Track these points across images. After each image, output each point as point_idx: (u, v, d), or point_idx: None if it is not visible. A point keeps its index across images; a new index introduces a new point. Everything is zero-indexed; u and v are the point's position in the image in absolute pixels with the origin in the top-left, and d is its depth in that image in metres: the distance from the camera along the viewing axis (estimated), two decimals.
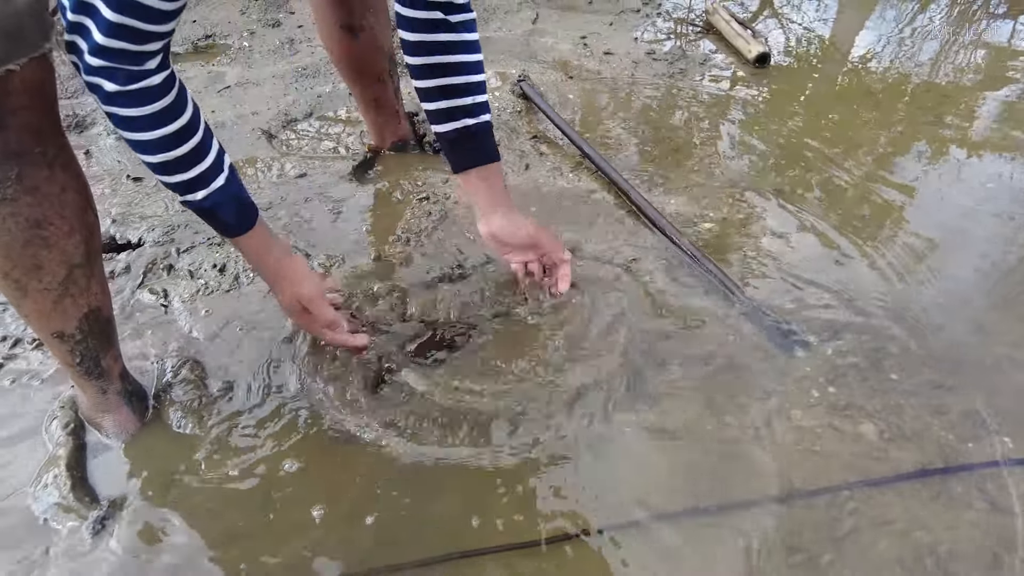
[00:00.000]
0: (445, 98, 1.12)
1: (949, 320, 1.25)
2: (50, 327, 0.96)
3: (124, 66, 0.82)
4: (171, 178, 0.94)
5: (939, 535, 0.93)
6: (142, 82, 0.84)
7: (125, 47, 0.81)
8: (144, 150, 0.90)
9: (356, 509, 0.97)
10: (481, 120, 1.15)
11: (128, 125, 0.88)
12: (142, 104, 0.86)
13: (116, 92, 0.83)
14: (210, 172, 0.96)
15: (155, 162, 0.91)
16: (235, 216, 1.01)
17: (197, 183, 0.95)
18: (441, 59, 1.09)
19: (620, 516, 0.96)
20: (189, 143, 0.92)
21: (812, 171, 1.69)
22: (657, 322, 1.25)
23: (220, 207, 0.98)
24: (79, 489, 0.99)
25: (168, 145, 0.90)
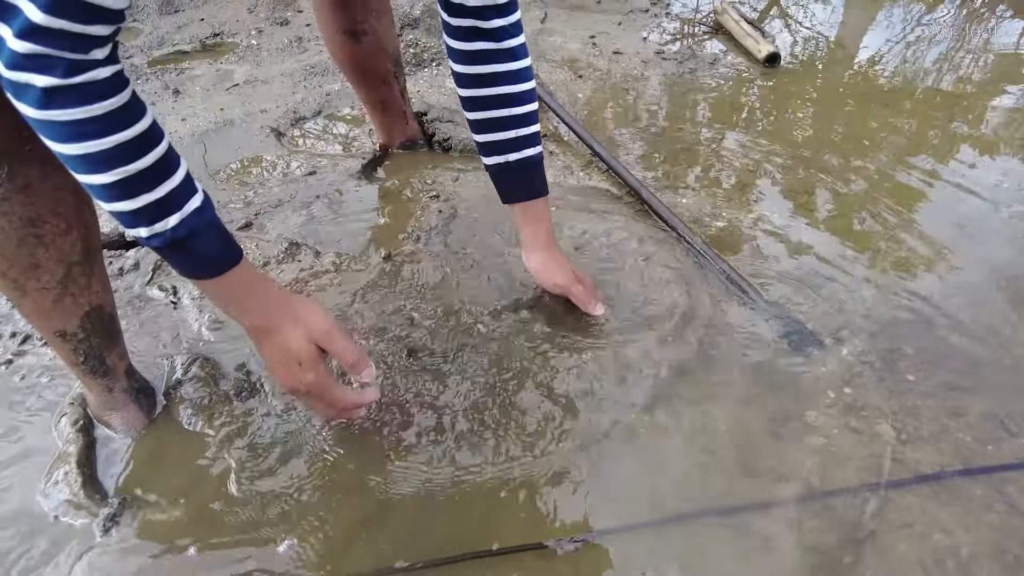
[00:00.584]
0: (489, 131, 1.10)
1: (965, 321, 1.24)
2: (52, 326, 0.95)
3: (63, 53, 0.64)
4: (134, 202, 0.73)
5: (959, 537, 0.91)
6: (87, 73, 0.66)
7: (65, 26, 0.62)
8: (95, 166, 0.70)
9: (367, 509, 0.96)
10: (523, 155, 1.11)
11: (72, 133, 0.68)
12: (90, 101, 0.67)
13: (55, 87, 0.64)
14: (182, 190, 0.76)
15: (110, 182, 0.71)
16: (218, 245, 0.80)
17: (167, 205, 0.75)
18: (483, 92, 1.06)
19: (634, 517, 0.94)
20: (153, 152, 0.73)
21: (823, 170, 1.68)
22: (669, 323, 1.24)
23: (198, 235, 0.77)
24: (89, 486, 0.98)
25: (127, 155, 0.71)
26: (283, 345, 0.87)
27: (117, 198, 0.73)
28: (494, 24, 1.02)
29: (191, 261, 0.80)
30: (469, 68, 1.05)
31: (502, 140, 1.10)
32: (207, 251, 0.79)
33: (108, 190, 0.72)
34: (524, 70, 1.07)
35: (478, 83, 1.06)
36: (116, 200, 0.73)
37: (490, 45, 1.04)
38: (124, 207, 0.73)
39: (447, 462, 1.02)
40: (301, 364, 0.87)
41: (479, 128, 1.10)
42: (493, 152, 1.12)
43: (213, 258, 0.81)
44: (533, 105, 1.11)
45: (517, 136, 1.10)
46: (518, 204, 1.17)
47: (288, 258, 1.39)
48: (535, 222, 1.17)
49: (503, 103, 1.07)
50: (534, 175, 1.14)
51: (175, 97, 2.02)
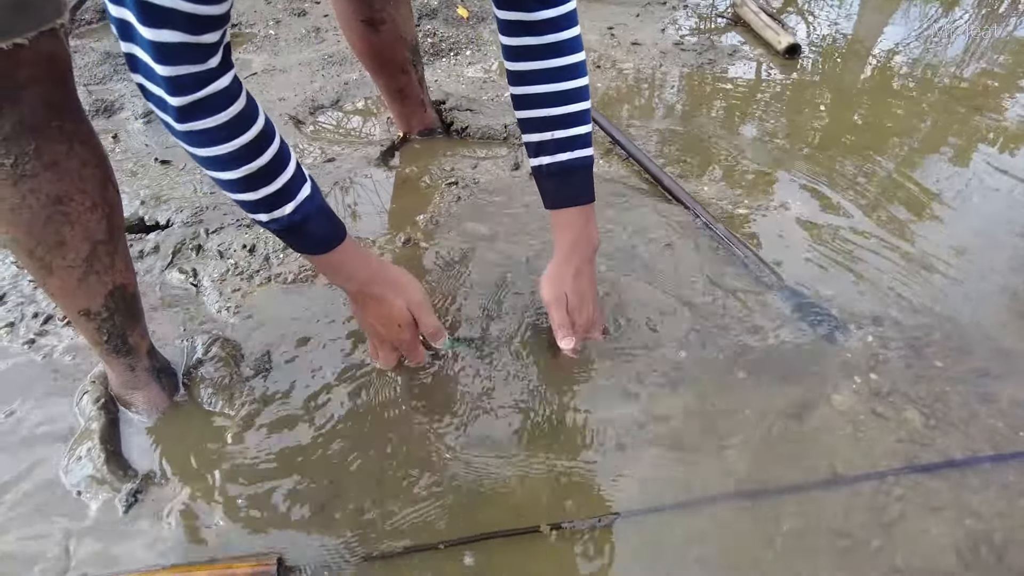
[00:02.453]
0: (527, 132, 1.02)
1: (993, 308, 1.22)
2: (76, 305, 0.95)
3: (187, 68, 0.71)
4: (255, 194, 0.83)
5: (992, 523, 0.90)
6: (212, 85, 0.74)
7: (179, 39, 0.69)
8: (224, 166, 0.80)
9: (386, 490, 0.96)
10: (553, 160, 1.01)
11: (206, 140, 0.77)
12: (217, 111, 0.76)
13: (189, 104, 0.73)
14: (295, 181, 0.86)
15: (237, 178, 0.81)
16: (327, 226, 0.91)
17: (284, 195, 0.85)
18: (524, 91, 0.99)
19: (660, 500, 0.94)
20: (270, 149, 0.82)
21: (845, 161, 1.66)
22: (694, 308, 1.23)
23: (311, 219, 0.88)
24: (112, 462, 0.98)
25: (249, 155, 0.80)
26: (387, 311, 1.00)
27: (242, 191, 0.83)
28: (538, 16, 0.93)
29: (306, 241, 0.91)
30: (513, 65, 0.98)
31: (536, 142, 1.02)
32: (318, 231, 0.90)
33: (235, 185, 0.82)
34: (568, 67, 0.97)
35: (520, 81, 0.99)
36: (241, 192, 0.83)
37: (532, 40, 0.95)
38: (247, 198, 0.83)
39: (468, 445, 1.01)
40: (400, 326, 1.01)
41: (523, 128, 1.03)
42: (532, 154, 1.03)
43: (324, 237, 0.91)
44: (573, 106, 0.99)
45: (551, 138, 1.00)
46: (551, 211, 1.06)
47: None
48: (560, 230, 1.07)
49: (539, 103, 0.99)
50: (568, 181, 1.03)
51: None
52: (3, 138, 0.76)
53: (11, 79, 0.74)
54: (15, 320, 1.22)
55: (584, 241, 1.06)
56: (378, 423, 1.05)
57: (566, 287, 1.07)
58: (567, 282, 1.07)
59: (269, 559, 0.85)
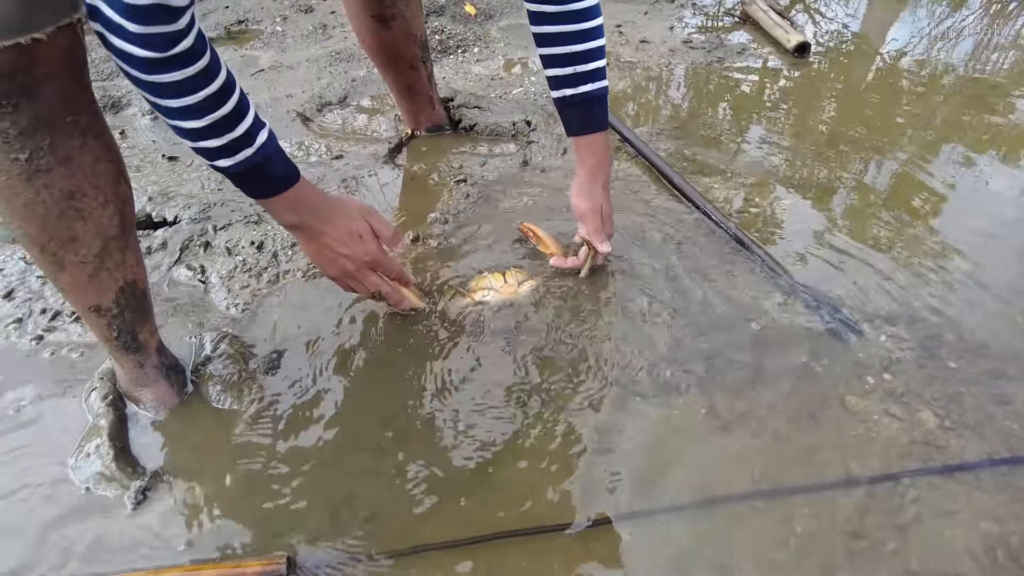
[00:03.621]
0: (551, 66, 1.14)
1: (1008, 308, 1.21)
2: (87, 301, 0.94)
3: (160, 28, 0.75)
4: (219, 140, 0.87)
5: (1008, 526, 0.89)
6: (180, 43, 0.78)
7: (153, 1, 0.73)
8: (188, 115, 0.84)
9: (394, 488, 0.95)
10: (578, 91, 1.14)
11: (171, 92, 0.81)
12: (184, 66, 0.80)
13: (156, 59, 0.77)
14: (255, 125, 0.91)
15: (201, 126, 0.85)
16: (283, 165, 0.97)
17: (246, 139, 0.90)
18: (545, 29, 1.10)
19: (675, 500, 0.93)
20: (232, 98, 0.87)
21: (855, 159, 1.65)
22: (707, 309, 1.22)
23: (271, 160, 0.93)
24: (121, 459, 0.97)
25: (213, 104, 0.85)
26: (345, 227, 1.04)
27: (206, 137, 0.87)
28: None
29: (265, 182, 0.95)
30: (534, 5, 1.09)
31: (560, 76, 1.13)
32: (276, 172, 0.95)
33: (200, 132, 0.86)
34: (585, 10, 1.09)
35: (540, 20, 1.10)
36: (205, 139, 0.87)
37: None
38: (211, 144, 0.87)
39: (478, 445, 1.01)
40: (362, 236, 1.06)
41: (545, 63, 1.14)
42: (555, 86, 1.15)
43: (282, 176, 0.96)
44: (593, 43, 1.11)
45: (575, 72, 1.13)
46: (575, 137, 1.20)
47: None
48: (586, 154, 1.21)
49: (563, 40, 1.10)
50: (591, 110, 1.17)
51: None
52: (19, 132, 0.76)
53: (29, 74, 0.73)
54: (23, 316, 1.21)
55: (605, 162, 1.22)
56: (387, 421, 1.04)
57: (599, 199, 1.23)
58: (598, 195, 1.23)
59: (279, 557, 0.85)
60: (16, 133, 0.76)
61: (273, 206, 0.99)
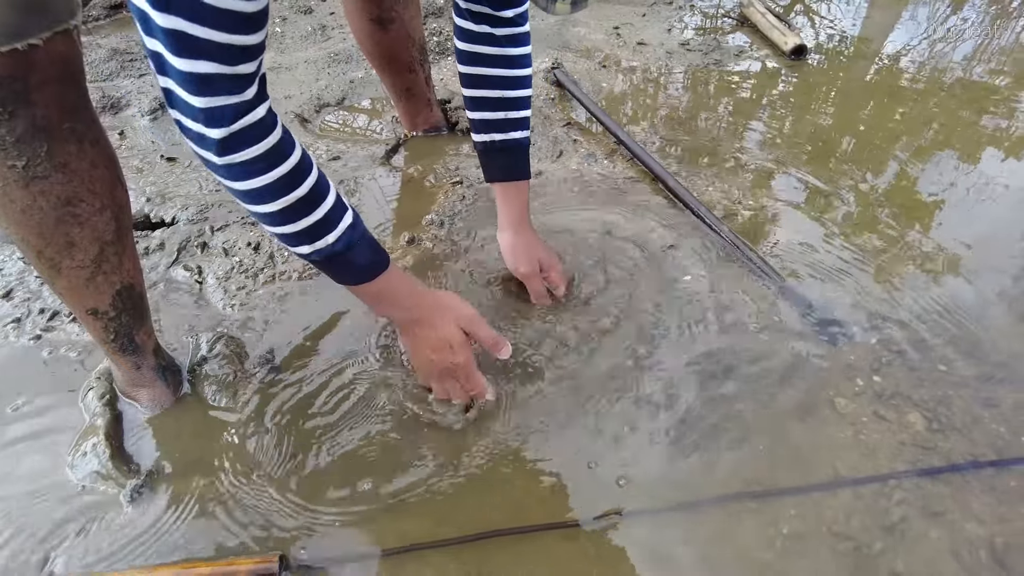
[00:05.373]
0: (480, 109, 1.13)
1: (997, 312, 1.22)
2: (84, 304, 0.95)
3: (224, 99, 0.71)
4: (295, 225, 0.83)
5: (994, 528, 0.90)
6: (249, 115, 0.74)
7: (214, 70, 0.68)
8: (262, 198, 0.80)
9: (393, 486, 0.96)
10: (510, 137, 1.15)
11: (245, 172, 0.77)
12: (255, 142, 0.76)
13: (227, 136, 0.73)
14: (336, 211, 0.86)
15: (277, 210, 0.81)
16: (370, 255, 0.91)
17: (325, 225, 0.85)
18: (481, 71, 1.10)
19: (663, 501, 0.94)
20: (308, 179, 0.82)
21: (850, 163, 1.65)
22: (697, 311, 1.23)
23: (354, 248, 0.88)
24: (117, 458, 0.98)
25: (287, 185, 0.80)
26: (437, 333, 0.98)
27: (281, 223, 0.83)
28: (503, 13, 1.05)
29: (348, 270, 0.91)
30: (471, 46, 1.09)
31: (491, 120, 1.13)
32: (361, 261, 0.90)
33: (274, 217, 0.82)
34: (522, 56, 1.11)
35: (476, 62, 1.10)
36: (281, 225, 0.83)
37: (493, 30, 1.07)
38: (288, 230, 0.83)
39: (474, 444, 1.02)
40: (452, 348, 0.98)
41: (471, 105, 1.14)
42: (482, 130, 1.15)
43: (366, 266, 0.91)
44: (526, 91, 1.13)
45: (507, 118, 1.13)
46: (499, 184, 1.19)
47: None
48: (512, 201, 1.20)
49: (497, 84, 1.11)
50: (515, 157, 1.17)
51: None
52: (16, 140, 0.76)
53: (25, 81, 0.74)
54: (21, 316, 1.23)
55: (526, 211, 1.22)
56: (382, 421, 1.05)
57: (538, 253, 1.21)
58: (536, 247, 1.21)
59: (271, 556, 0.86)
60: (13, 140, 0.76)
61: (359, 294, 0.96)
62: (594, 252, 1.36)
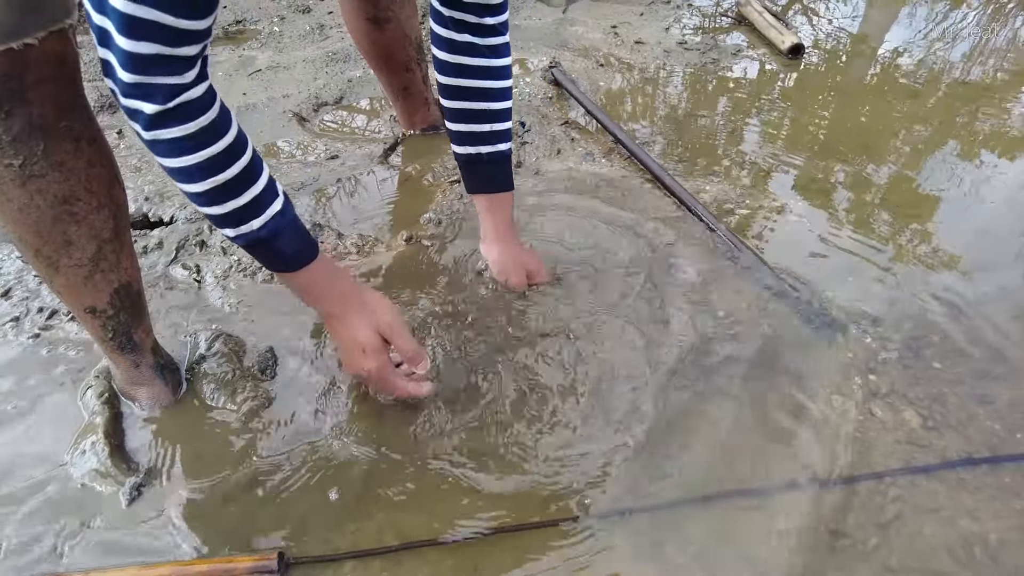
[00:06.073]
0: (465, 121, 1.12)
1: (992, 310, 1.23)
2: (82, 302, 0.95)
3: (161, 79, 0.71)
4: (222, 207, 0.82)
5: (987, 524, 0.90)
6: (183, 95, 0.73)
7: (156, 51, 0.69)
8: (190, 177, 0.79)
9: (388, 485, 0.97)
10: (496, 149, 1.14)
11: (173, 149, 0.76)
12: (185, 120, 0.75)
13: (158, 113, 0.73)
14: (265, 195, 0.85)
15: (204, 190, 0.80)
16: (296, 242, 0.89)
17: (252, 209, 0.84)
18: (464, 82, 1.08)
19: (658, 498, 0.94)
20: (239, 162, 0.81)
21: (846, 161, 1.66)
22: (693, 308, 1.23)
23: (279, 236, 0.87)
24: (116, 456, 0.99)
25: (217, 166, 0.79)
26: (351, 333, 0.96)
27: (208, 204, 0.82)
28: (485, 21, 1.04)
29: (273, 257, 0.89)
30: (453, 57, 1.07)
31: (476, 132, 1.12)
32: (287, 249, 0.89)
33: (201, 197, 0.81)
34: (505, 67, 1.09)
35: (460, 73, 1.08)
36: (207, 205, 0.82)
37: (476, 39, 1.05)
38: (214, 211, 0.82)
39: (470, 442, 1.02)
40: (365, 352, 0.96)
41: (454, 117, 1.12)
42: (466, 142, 1.13)
43: (292, 255, 0.90)
44: (508, 103, 1.12)
45: (491, 130, 1.12)
46: (482, 196, 1.19)
47: None
48: (496, 213, 1.20)
49: (481, 96, 1.09)
50: (501, 169, 1.16)
51: None
52: (12, 138, 0.77)
53: (21, 79, 0.74)
54: (20, 315, 1.23)
55: (512, 222, 1.22)
56: (380, 419, 1.05)
57: (525, 262, 1.21)
58: (522, 257, 1.21)
59: (270, 554, 0.86)
60: (9, 139, 0.77)
61: (286, 283, 0.96)
62: (591, 251, 1.36)
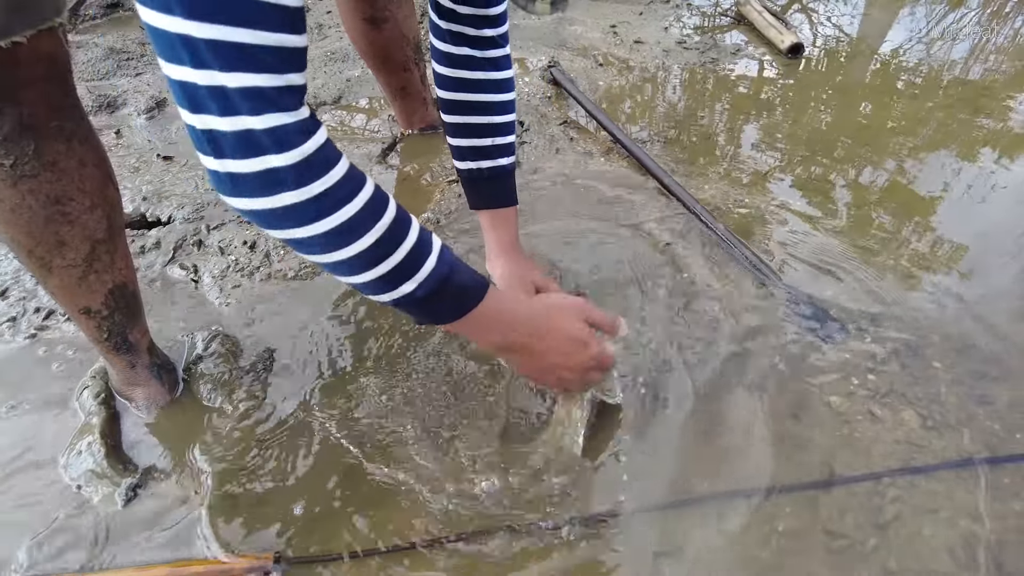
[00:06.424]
0: (466, 136, 1.08)
1: (991, 310, 1.22)
2: (76, 303, 0.95)
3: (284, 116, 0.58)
4: (394, 258, 0.69)
5: (988, 525, 0.90)
6: (313, 136, 0.61)
7: (260, 83, 0.57)
8: (339, 239, 0.65)
9: (380, 488, 0.96)
10: (498, 164, 1.10)
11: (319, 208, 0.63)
12: (327, 168, 0.62)
13: (295, 164, 0.60)
14: (421, 229, 0.74)
15: (356, 252, 0.67)
16: (469, 271, 0.79)
17: (422, 245, 0.72)
18: (464, 96, 1.05)
19: (657, 498, 0.94)
20: (388, 209, 0.69)
21: (846, 161, 1.66)
22: (691, 309, 1.23)
23: (457, 266, 0.76)
24: (112, 457, 0.98)
25: (370, 217, 0.67)
26: (566, 337, 0.89)
27: (360, 269, 0.68)
28: (483, 33, 1.02)
29: (457, 295, 0.77)
30: (453, 71, 1.04)
31: (477, 146, 1.09)
32: (466, 279, 0.78)
33: (353, 262, 0.67)
34: (506, 80, 1.07)
35: (460, 87, 1.05)
36: (376, 264, 0.69)
37: (475, 52, 1.03)
38: (386, 267, 0.69)
39: (469, 442, 1.02)
40: (587, 343, 0.90)
41: (455, 132, 1.09)
42: (467, 157, 1.10)
43: (474, 283, 0.79)
44: (511, 116, 1.09)
45: (493, 144, 1.08)
46: (485, 211, 1.15)
47: None
48: (499, 229, 1.16)
49: (482, 110, 1.06)
50: (505, 184, 1.13)
51: None
52: (2, 138, 0.76)
53: (10, 78, 0.74)
54: (17, 315, 1.22)
55: (517, 237, 1.17)
56: (376, 419, 1.05)
57: (532, 278, 1.15)
58: (530, 273, 1.16)
59: (266, 555, 0.86)
60: (0, 139, 0.76)
61: (472, 326, 0.81)
62: (589, 250, 1.36)
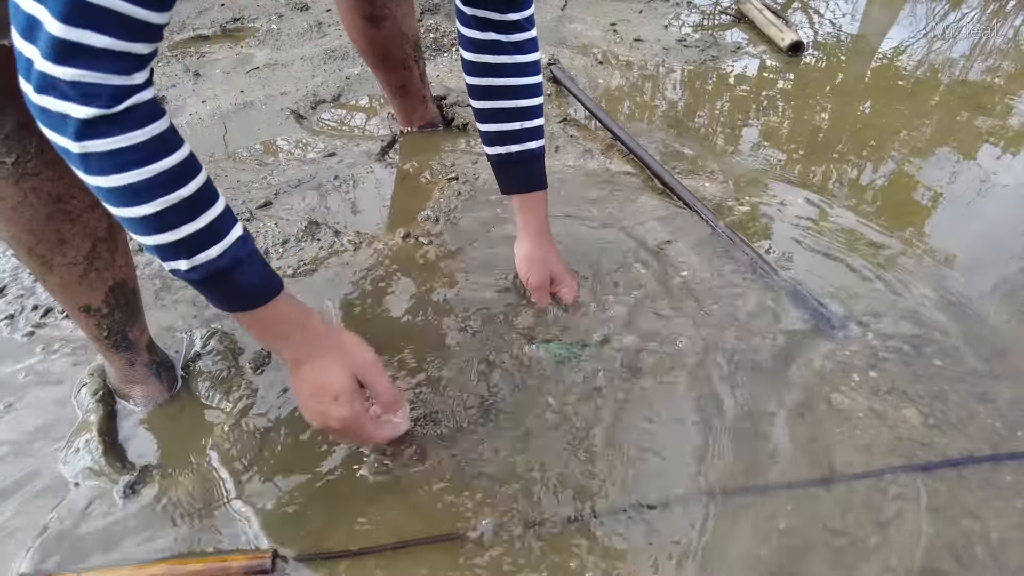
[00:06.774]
0: (494, 121, 1.09)
1: (993, 308, 1.22)
2: (76, 301, 0.95)
3: (107, 77, 0.60)
4: (173, 233, 0.68)
5: (989, 523, 0.89)
6: (132, 98, 0.62)
7: (106, 43, 0.58)
8: (136, 197, 0.66)
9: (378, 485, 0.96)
10: (527, 148, 1.11)
11: (114, 163, 0.63)
12: (133, 127, 0.63)
13: (96, 118, 0.60)
14: (223, 220, 0.72)
15: (152, 212, 0.67)
16: (260, 275, 0.76)
17: (209, 234, 0.71)
18: (491, 81, 1.06)
19: (660, 495, 0.93)
20: (195, 179, 0.69)
21: (846, 159, 1.65)
22: (692, 307, 1.22)
23: (240, 265, 0.74)
24: (110, 454, 0.98)
25: (170, 183, 0.67)
26: (322, 378, 0.83)
27: (158, 230, 0.68)
28: (508, 17, 1.02)
29: (232, 293, 0.75)
30: (478, 56, 1.05)
31: (506, 131, 1.09)
32: (249, 280, 0.75)
33: (149, 222, 0.67)
34: (532, 64, 1.07)
35: (486, 72, 1.06)
36: (156, 232, 0.68)
37: (501, 37, 1.03)
38: (164, 239, 0.69)
39: (469, 440, 1.01)
40: (337, 398, 0.83)
41: (483, 117, 1.10)
42: (496, 142, 1.11)
43: (255, 287, 0.76)
44: (538, 99, 1.10)
45: (522, 128, 1.09)
46: (516, 196, 1.16)
47: (308, 237, 1.39)
48: (529, 212, 1.17)
49: (509, 94, 1.07)
50: (534, 168, 1.14)
51: (195, 80, 2.02)
52: (4, 136, 0.76)
53: (12, 76, 0.74)
54: (15, 312, 1.22)
55: (546, 221, 1.19)
56: None
57: (551, 266, 1.19)
58: (551, 260, 1.19)
59: (264, 552, 0.86)
60: (1, 137, 0.76)
61: (245, 322, 0.80)
62: (589, 248, 1.35)
